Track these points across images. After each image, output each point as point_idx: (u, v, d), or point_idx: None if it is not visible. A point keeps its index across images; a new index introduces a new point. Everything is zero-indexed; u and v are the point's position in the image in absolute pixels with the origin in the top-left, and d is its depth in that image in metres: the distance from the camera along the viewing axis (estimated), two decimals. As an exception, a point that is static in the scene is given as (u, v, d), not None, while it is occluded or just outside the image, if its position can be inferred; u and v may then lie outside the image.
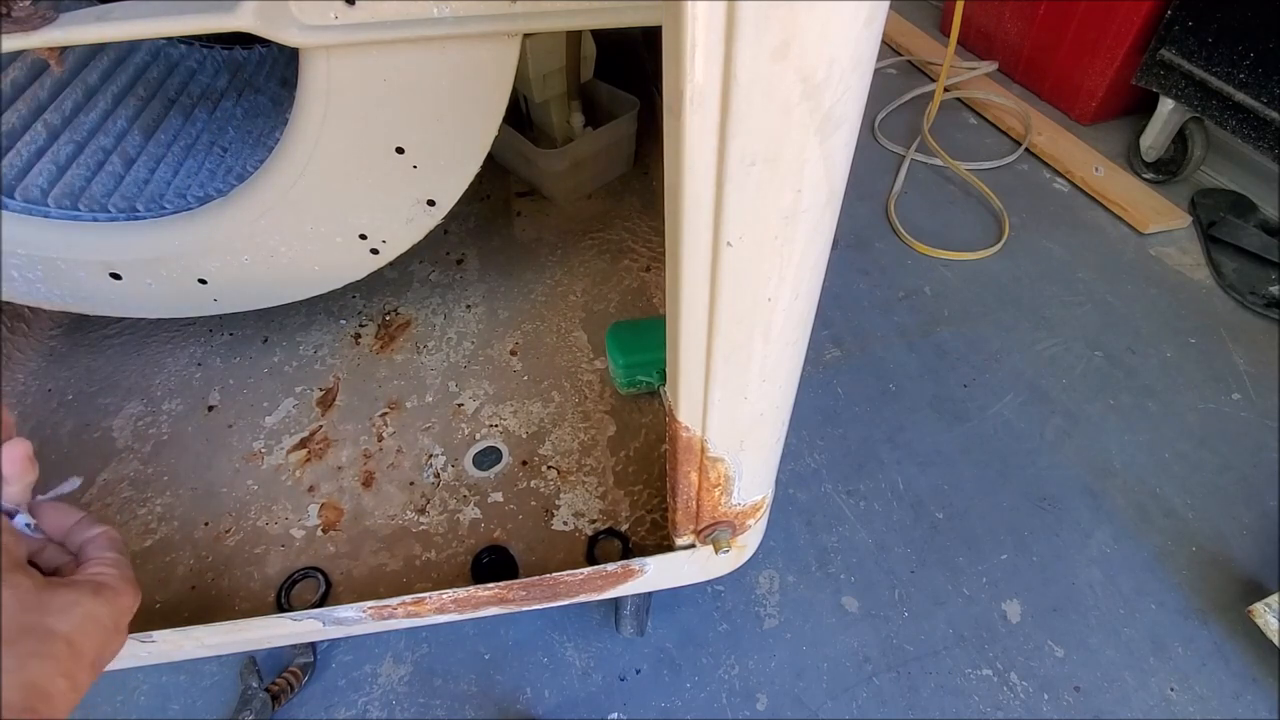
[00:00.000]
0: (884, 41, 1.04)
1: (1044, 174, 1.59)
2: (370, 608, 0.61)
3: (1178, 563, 0.98)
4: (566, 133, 0.96)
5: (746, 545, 0.68)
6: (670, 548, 0.65)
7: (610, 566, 0.63)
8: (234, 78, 0.85)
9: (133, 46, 0.82)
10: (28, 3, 0.49)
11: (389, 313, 0.89)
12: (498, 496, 0.72)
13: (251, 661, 0.87)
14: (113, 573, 0.43)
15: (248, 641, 0.66)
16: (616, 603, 0.86)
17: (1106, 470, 1.08)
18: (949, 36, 1.59)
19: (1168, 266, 1.38)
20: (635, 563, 0.64)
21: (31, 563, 0.44)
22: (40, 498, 0.48)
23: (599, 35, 0.93)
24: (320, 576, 0.66)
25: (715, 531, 0.61)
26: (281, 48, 0.53)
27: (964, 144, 1.67)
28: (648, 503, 0.71)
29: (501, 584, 0.62)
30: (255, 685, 0.85)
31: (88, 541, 0.46)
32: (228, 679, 0.87)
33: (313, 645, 0.90)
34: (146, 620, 0.64)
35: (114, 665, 0.65)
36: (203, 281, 0.71)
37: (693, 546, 0.64)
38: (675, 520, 0.60)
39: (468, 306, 0.90)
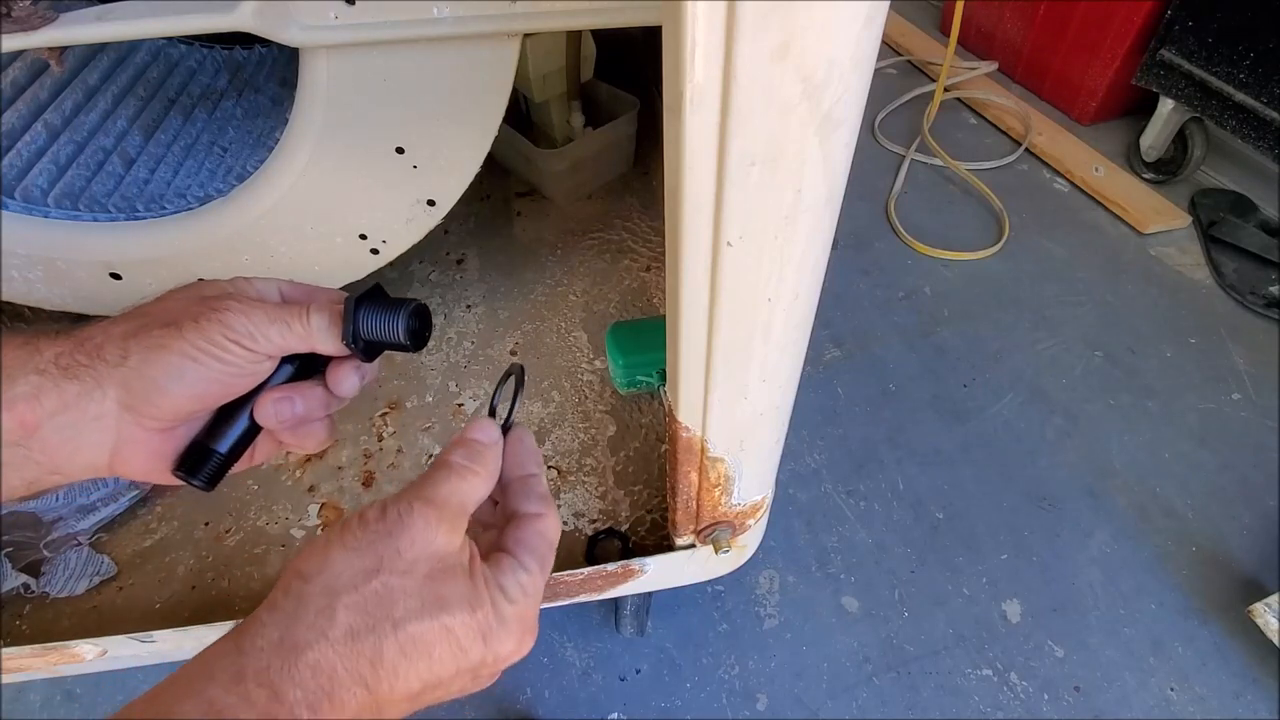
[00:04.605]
0: (884, 41, 1.04)
1: (1044, 174, 1.59)
2: (370, 608, 0.61)
3: (1178, 563, 0.98)
4: (566, 133, 0.96)
5: (746, 545, 0.68)
6: (670, 548, 0.65)
7: (610, 566, 0.63)
8: (234, 78, 0.85)
9: (133, 46, 0.82)
10: (28, 3, 0.48)
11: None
12: (498, 496, 0.72)
13: (251, 661, 0.87)
14: (517, 598, 0.30)
15: (248, 641, 0.65)
16: (616, 603, 0.86)
17: (1106, 470, 1.08)
18: (949, 36, 1.59)
19: (1168, 266, 1.38)
20: (635, 563, 0.64)
21: None
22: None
23: (599, 35, 0.93)
24: (320, 576, 0.66)
25: (715, 531, 0.61)
26: (281, 48, 0.53)
27: (964, 144, 1.67)
28: (648, 503, 0.71)
29: (501, 584, 0.62)
30: (255, 685, 0.84)
31: (516, 520, 0.32)
32: (228, 679, 0.87)
33: (313, 645, 0.90)
34: (146, 620, 0.64)
35: (114, 665, 0.65)
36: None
37: (693, 546, 0.64)
38: (675, 520, 0.60)
39: (468, 306, 0.90)
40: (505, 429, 0.34)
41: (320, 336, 0.34)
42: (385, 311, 0.34)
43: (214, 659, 0.25)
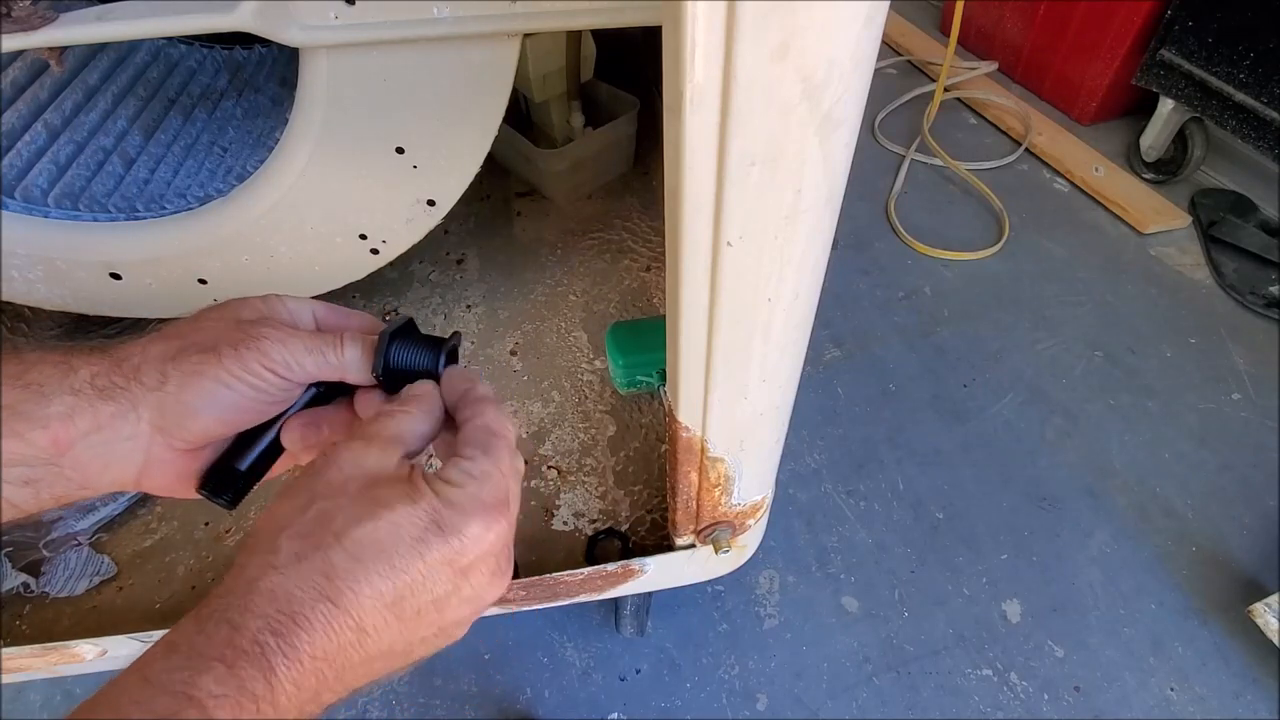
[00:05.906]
0: (884, 41, 1.04)
1: (1044, 174, 1.59)
2: (370, 608, 0.61)
3: (1178, 563, 0.98)
4: (566, 133, 0.96)
5: (746, 545, 0.68)
6: (670, 548, 0.65)
7: (610, 566, 0.63)
8: (234, 78, 0.85)
9: (133, 46, 0.82)
10: (28, 3, 0.49)
11: (389, 313, 0.89)
12: (498, 496, 0.72)
13: (251, 661, 0.87)
14: (463, 482, 0.29)
15: (248, 641, 0.65)
16: (616, 603, 0.86)
17: (1106, 470, 1.08)
18: (949, 36, 1.59)
19: (1168, 266, 1.38)
20: (635, 563, 0.64)
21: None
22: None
23: (599, 35, 0.93)
24: (320, 576, 0.66)
25: (715, 531, 0.61)
26: (281, 48, 0.53)
27: (964, 144, 1.67)
28: (648, 503, 0.71)
29: (501, 584, 0.62)
30: (255, 685, 0.84)
31: (464, 423, 0.33)
32: (228, 679, 0.87)
33: (313, 645, 0.90)
34: (146, 620, 0.64)
35: (114, 666, 0.65)
36: (203, 281, 0.71)
37: (693, 546, 0.64)
38: (675, 520, 0.60)
39: (468, 306, 0.90)
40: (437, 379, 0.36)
41: (353, 368, 0.35)
42: (416, 350, 0.35)
43: (181, 620, 0.27)
